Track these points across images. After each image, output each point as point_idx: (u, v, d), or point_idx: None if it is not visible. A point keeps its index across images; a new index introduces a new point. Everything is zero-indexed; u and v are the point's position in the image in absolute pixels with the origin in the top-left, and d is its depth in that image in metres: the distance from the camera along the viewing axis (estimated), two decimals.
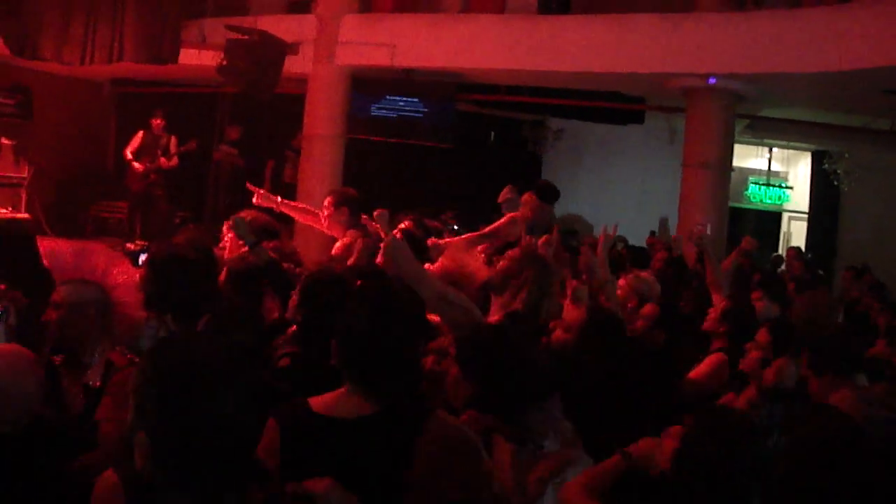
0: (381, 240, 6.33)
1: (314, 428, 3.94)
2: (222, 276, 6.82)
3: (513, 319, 6.14)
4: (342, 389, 4.11)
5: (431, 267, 7.97)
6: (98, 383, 5.01)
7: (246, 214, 8.17)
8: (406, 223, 9.96)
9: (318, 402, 4.05)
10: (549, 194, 10.32)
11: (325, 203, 9.34)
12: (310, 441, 3.91)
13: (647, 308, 8.57)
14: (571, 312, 6.93)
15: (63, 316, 5.18)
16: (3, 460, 3.94)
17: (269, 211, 9.36)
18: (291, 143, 20.19)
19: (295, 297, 5.93)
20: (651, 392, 6.30)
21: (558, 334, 6.81)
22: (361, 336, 4.11)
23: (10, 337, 4.70)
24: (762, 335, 6.89)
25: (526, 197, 10.35)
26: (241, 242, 7.73)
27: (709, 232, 14.57)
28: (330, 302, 5.40)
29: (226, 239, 8.42)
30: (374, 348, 4.07)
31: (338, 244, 8.71)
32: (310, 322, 5.66)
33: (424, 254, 8.36)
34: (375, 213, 6.75)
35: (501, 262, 6.90)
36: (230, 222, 7.81)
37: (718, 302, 8.76)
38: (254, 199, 9.67)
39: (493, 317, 6.39)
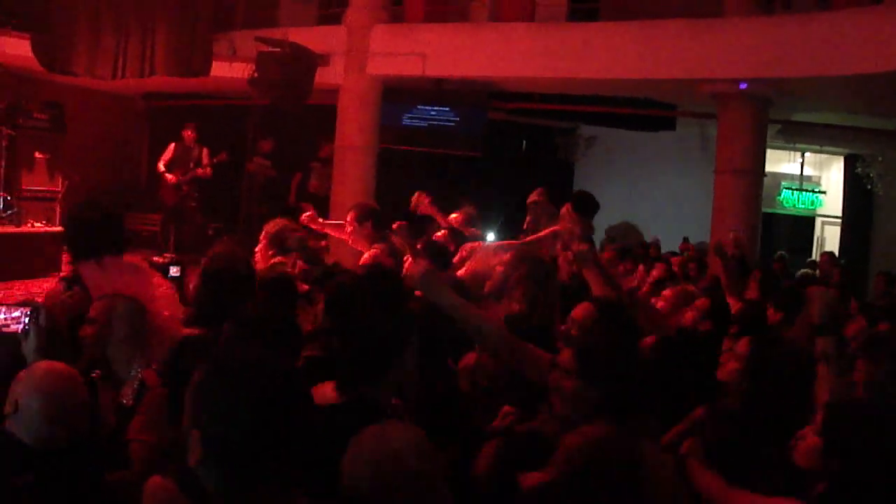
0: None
1: None
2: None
3: (512, 321, 5.96)
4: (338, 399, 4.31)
5: (461, 271, 7.99)
6: (130, 402, 5.03)
7: (276, 223, 8.21)
8: (442, 233, 9.99)
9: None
10: (588, 207, 10.04)
11: (348, 219, 9.38)
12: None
13: (700, 301, 8.55)
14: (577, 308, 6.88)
15: (98, 331, 5.20)
16: (51, 474, 3.96)
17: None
18: (317, 153, 20.22)
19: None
20: (694, 378, 6.28)
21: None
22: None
23: (42, 339, 4.71)
24: (741, 346, 6.76)
25: (563, 210, 10.14)
26: (271, 252, 7.77)
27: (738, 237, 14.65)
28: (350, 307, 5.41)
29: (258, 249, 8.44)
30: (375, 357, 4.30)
31: (364, 257, 8.72)
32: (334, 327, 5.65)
33: (448, 264, 8.37)
34: (395, 226, 6.77)
35: (497, 268, 6.88)
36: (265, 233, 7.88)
37: (734, 304, 8.78)
38: (301, 218, 9.68)
39: None
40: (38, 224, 16.03)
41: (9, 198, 15.74)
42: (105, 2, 17.12)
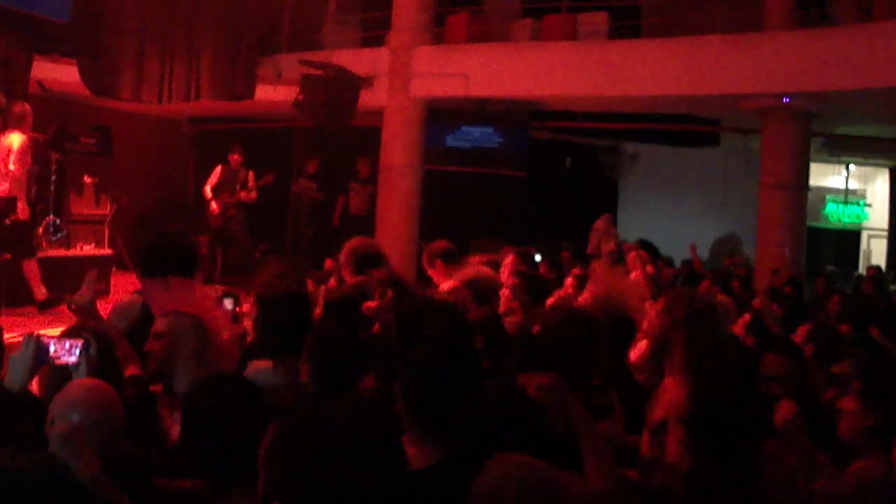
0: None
1: None
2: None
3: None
4: (405, 437, 3.82)
5: (582, 297, 7.90)
6: None
7: (356, 241, 8.26)
8: (511, 257, 9.97)
9: None
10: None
11: (424, 264, 9.38)
12: None
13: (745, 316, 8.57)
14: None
15: (163, 346, 5.31)
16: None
17: None
18: (356, 174, 20.30)
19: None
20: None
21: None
22: (429, 378, 3.97)
23: (91, 368, 4.79)
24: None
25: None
26: (349, 270, 7.81)
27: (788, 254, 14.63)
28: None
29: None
30: (443, 391, 3.94)
31: (442, 287, 8.57)
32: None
33: (546, 294, 8.33)
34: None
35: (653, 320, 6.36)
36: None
37: None
38: None
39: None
40: (87, 247, 16.18)
41: (58, 221, 15.86)
42: (151, 27, 17.28)
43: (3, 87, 16.13)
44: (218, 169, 18.28)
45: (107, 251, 16.50)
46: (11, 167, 12.94)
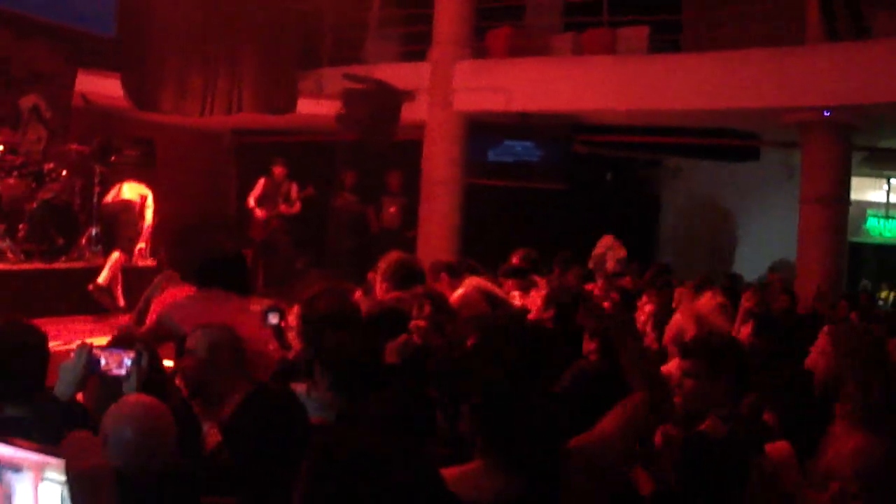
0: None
1: None
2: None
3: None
4: (475, 464, 3.63)
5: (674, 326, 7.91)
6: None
7: (390, 257, 8.26)
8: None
9: (450, 480, 3.32)
10: None
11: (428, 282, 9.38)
12: None
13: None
14: None
15: (198, 361, 5.36)
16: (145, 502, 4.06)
17: None
18: (388, 187, 20.33)
19: None
20: None
21: None
22: (505, 402, 3.66)
23: (141, 381, 4.84)
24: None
25: None
26: (385, 286, 7.81)
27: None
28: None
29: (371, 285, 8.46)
30: (521, 416, 3.61)
31: (453, 296, 8.55)
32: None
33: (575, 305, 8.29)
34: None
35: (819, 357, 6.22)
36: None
37: None
38: None
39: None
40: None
41: (101, 232, 15.99)
42: (193, 41, 17.39)
43: (49, 100, 16.31)
44: (261, 181, 18.37)
45: (149, 262, 16.62)
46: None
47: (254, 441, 4.11)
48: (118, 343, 5.44)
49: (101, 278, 13.67)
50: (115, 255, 13.77)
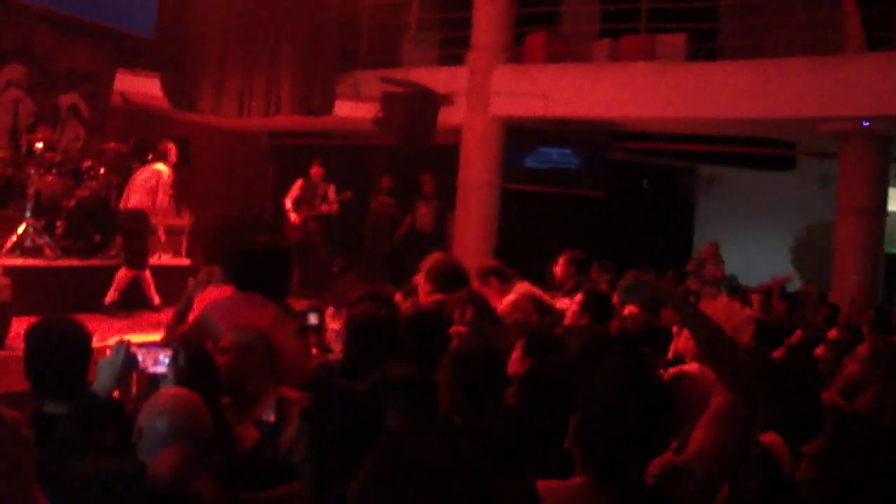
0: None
1: None
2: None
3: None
4: (578, 481, 3.44)
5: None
6: (273, 418, 5.21)
7: (435, 259, 8.24)
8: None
9: (550, 495, 3.39)
10: None
11: (475, 285, 9.33)
12: None
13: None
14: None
15: (231, 359, 5.40)
16: (179, 495, 4.07)
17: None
18: (422, 191, 20.34)
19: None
20: None
21: None
22: (619, 417, 3.41)
23: (179, 379, 4.85)
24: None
25: None
26: (428, 288, 7.78)
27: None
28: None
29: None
30: (632, 433, 3.39)
31: (503, 301, 8.50)
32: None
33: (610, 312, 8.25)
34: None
35: (852, 366, 6.48)
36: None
37: None
38: None
39: None
40: (165, 256, 16.35)
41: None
42: (232, 42, 17.45)
43: (88, 99, 16.40)
44: (298, 183, 18.39)
45: (185, 261, 16.69)
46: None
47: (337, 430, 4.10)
48: (169, 343, 5.47)
49: (108, 297, 13.72)
50: (121, 271, 13.82)
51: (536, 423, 4.47)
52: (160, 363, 4.91)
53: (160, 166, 14.04)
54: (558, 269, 11.06)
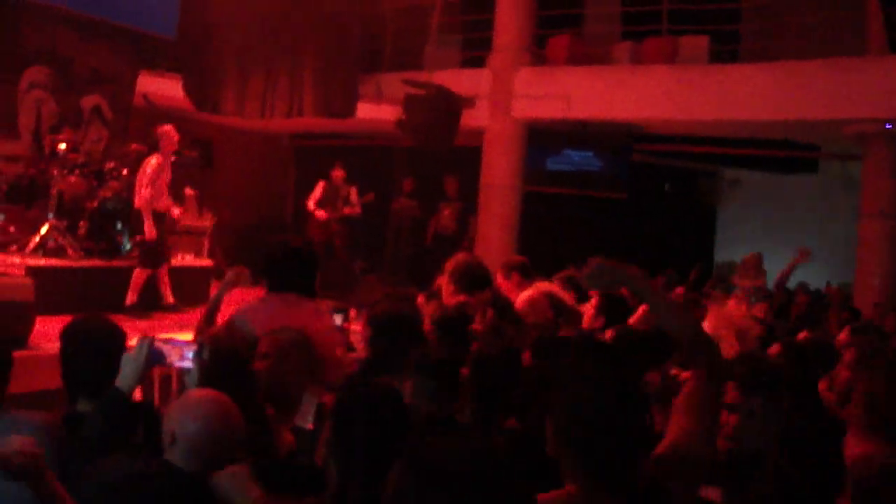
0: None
1: None
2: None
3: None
4: (571, 489, 3.37)
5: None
6: (311, 426, 5.20)
7: (458, 260, 8.21)
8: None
9: None
10: None
11: (498, 278, 9.34)
12: None
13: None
14: None
15: (271, 364, 5.37)
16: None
17: None
18: (445, 193, 20.35)
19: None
20: None
21: None
22: (599, 416, 3.37)
23: (203, 373, 4.84)
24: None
25: None
26: (452, 289, 7.76)
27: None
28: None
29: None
30: (616, 431, 3.35)
31: (520, 299, 8.51)
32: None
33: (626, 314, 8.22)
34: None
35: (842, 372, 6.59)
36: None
37: None
38: None
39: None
40: (188, 257, 16.39)
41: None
42: (255, 44, 17.48)
43: (110, 100, 16.45)
44: (320, 184, 18.39)
45: (207, 262, 16.72)
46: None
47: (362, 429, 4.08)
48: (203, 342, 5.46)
49: (127, 298, 13.75)
50: (136, 272, 13.84)
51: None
52: (185, 358, 4.92)
53: (154, 158, 13.99)
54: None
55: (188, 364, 4.90)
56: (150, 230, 13.55)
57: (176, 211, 14.72)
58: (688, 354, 4.14)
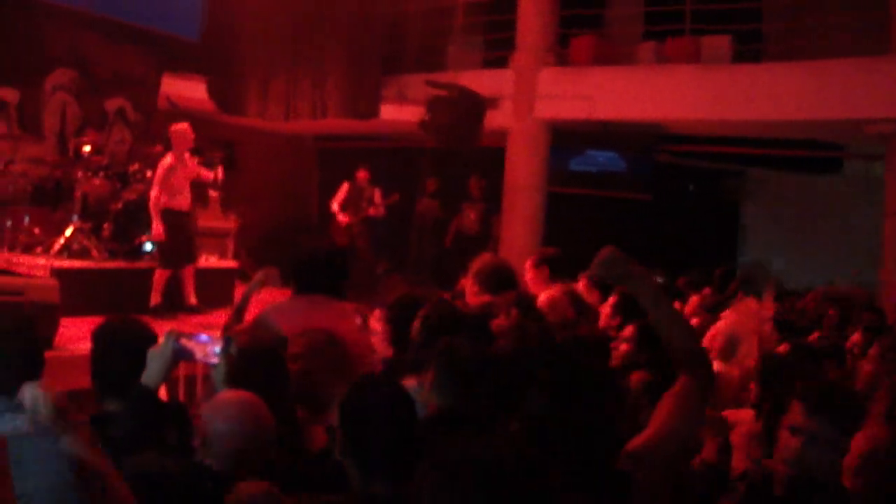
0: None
1: None
2: None
3: None
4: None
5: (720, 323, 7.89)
6: None
7: (483, 260, 8.21)
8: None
9: None
10: None
11: (527, 265, 9.36)
12: None
13: None
14: None
15: (302, 367, 5.38)
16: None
17: None
18: (468, 193, 20.37)
19: None
20: None
21: None
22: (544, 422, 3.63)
23: (231, 369, 4.86)
24: None
25: None
26: (476, 289, 7.76)
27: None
28: None
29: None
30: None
31: (541, 297, 8.54)
32: None
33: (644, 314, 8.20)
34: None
35: (865, 366, 6.66)
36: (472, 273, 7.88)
37: None
38: None
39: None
40: (212, 258, 16.44)
41: None
42: (278, 46, 17.54)
43: (134, 103, 16.53)
44: (344, 186, 18.43)
45: (231, 263, 16.78)
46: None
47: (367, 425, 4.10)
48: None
49: (151, 299, 13.79)
50: (156, 272, 13.88)
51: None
52: (211, 354, 4.93)
53: (167, 157, 14.02)
54: None
55: (214, 360, 4.91)
56: (157, 230, 13.58)
57: (210, 174, 14.60)
58: (681, 362, 4.22)
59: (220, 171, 14.71)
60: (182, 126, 14.13)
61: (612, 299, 8.08)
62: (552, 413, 3.65)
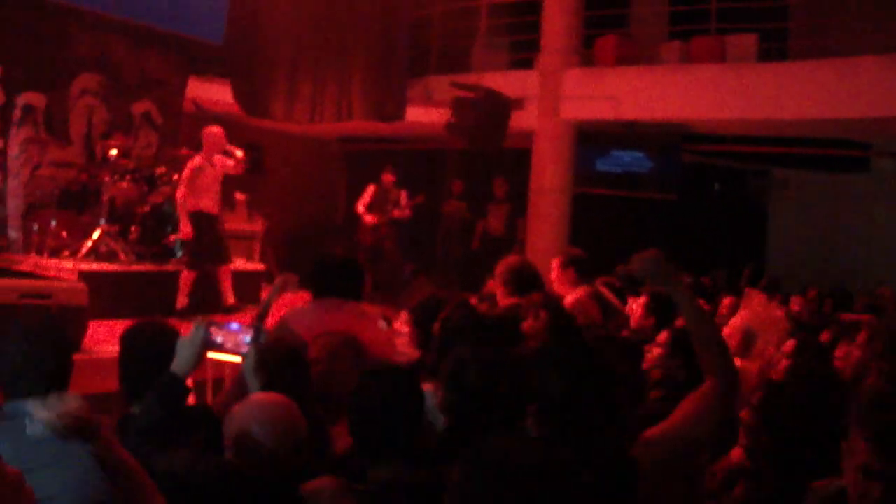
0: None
1: None
2: None
3: None
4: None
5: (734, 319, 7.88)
6: None
7: (509, 262, 8.21)
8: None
9: None
10: None
11: (553, 265, 9.39)
12: None
13: None
14: None
15: (323, 370, 5.40)
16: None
17: None
18: (494, 194, 20.37)
19: None
20: None
21: None
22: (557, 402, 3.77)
23: (260, 359, 4.89)
24: None
25: None
26: (504, 290, 7.76)
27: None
28: None
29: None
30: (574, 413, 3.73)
31: (568, 299, 8.56)
32: None
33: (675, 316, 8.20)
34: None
35: (854, 352, 6.73)
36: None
37: None
38: None
39: None
40: (239, 261, 16.46)
41: None
42: (303, 48, 17.54)
43: (160, 106, 16.59)
44: (370, 188, 18.44)
45: (258, 266, 16.81)
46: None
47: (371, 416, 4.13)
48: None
49: (178, 302, 13.82)
50: (182, 274, 13.90)
51: None
52: (241, 343, 4.95)
53: (196, 158, 14.03)
54: None
55: (244, 349, 4.93)
56: (185, 229, 13.61)
57: (231, 160, 14.51)
58: (709, 364, 4.28)
59: (237, 151, 14.57)
60: (215, 129, 14.18)
61: (642, 299, 8.07)
62: (566, 398, 3.78)
